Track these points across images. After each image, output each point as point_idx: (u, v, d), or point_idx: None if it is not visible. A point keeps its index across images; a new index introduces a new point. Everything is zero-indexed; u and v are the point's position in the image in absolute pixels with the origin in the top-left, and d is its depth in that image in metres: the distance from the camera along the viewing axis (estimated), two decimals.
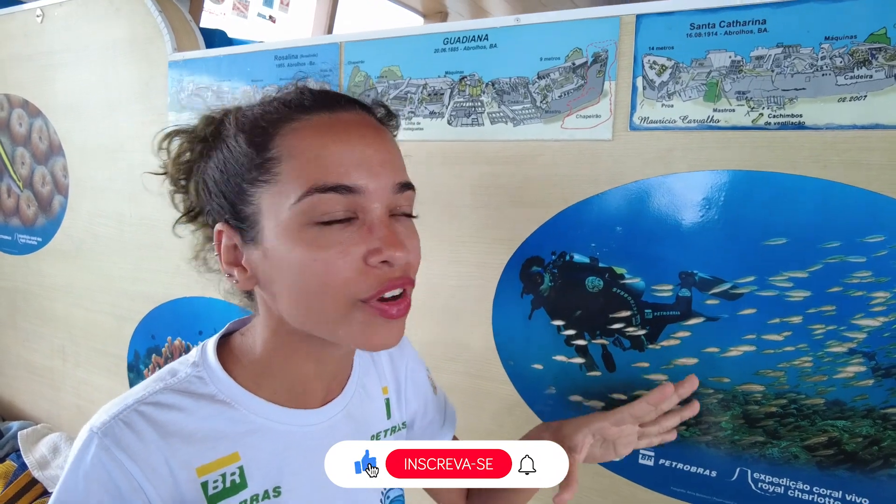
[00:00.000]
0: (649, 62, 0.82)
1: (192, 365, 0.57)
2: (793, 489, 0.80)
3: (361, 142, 0.52)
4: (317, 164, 0.51)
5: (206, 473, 0.53)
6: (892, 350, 0.73)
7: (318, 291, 0.51)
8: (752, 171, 0.78)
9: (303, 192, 0.50)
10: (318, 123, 0.53)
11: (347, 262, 0.50)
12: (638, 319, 0.86)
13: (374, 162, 0.52)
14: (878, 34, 0.70)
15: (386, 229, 0.51)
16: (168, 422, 0.52)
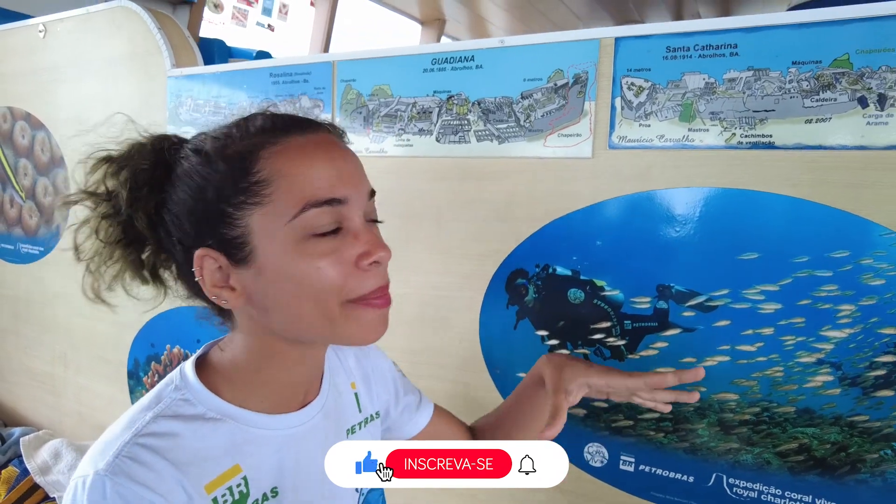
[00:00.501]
0: (627, 83, 0.86)
1: (176, 389, 0.58)
2: (766, 494, 0.83)
3: (340, 158, 0.57)
4: (307, 182, 0.54)
5: (213, 490, 0.55)
6: (858, 360, 0.77)
7: (318, 297, 0.54)
8: (726, 188, 0.81)
9: (298, 210, 0.53)
10: (297, 145, 0.56)
11: (342, 267, 0.54)
12: (618, 330, 0.89)
13: (352, 175, 0.57)
14: (841, 60, 0.74)
15: (369, 234, 0.57)
16: (169, 448, 0.53)
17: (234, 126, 0.58)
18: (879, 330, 0.75)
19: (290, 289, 0.54)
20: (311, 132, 0.58)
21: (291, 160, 0.55)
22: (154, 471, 0.51)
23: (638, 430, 0.90)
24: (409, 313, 1.06)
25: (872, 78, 0.73)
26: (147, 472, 0.51)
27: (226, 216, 0.54)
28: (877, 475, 0.77)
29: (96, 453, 0.52)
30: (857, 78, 0.73)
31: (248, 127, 0.57)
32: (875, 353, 0.76)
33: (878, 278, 0.75)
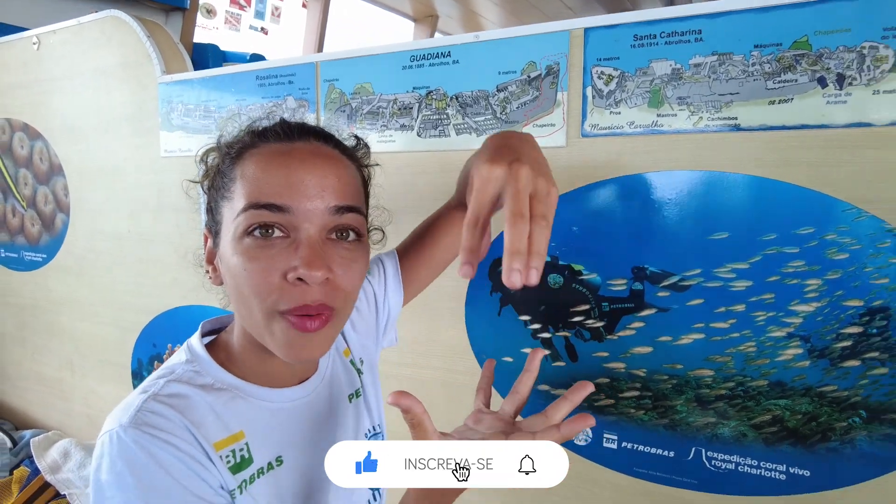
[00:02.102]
0: (597, 72, 0.88)
1: (187, 362, 0.63)
2: (742, 465, 0.86)
3: (302, 167, 0.58)
4: (256, 185, 0.57)
5: (221, 448, 0.59)
6: (825, 333, 0.79)
7: (247, 297, 0.57)
8: (695, 170, 0.84)
9: (242, 208, 0.57)
10: (269, 151, 0.60)
11: (270, 275, 0.55)
12: (596, 312, 0.92)
13: (311, 185, 0.57)
14: (801, 41, 0.76)
15: (308, 249, 0.55)
16: (183, 406, 0.58)
17: (244, 130, 0.65)
18: (844, 302, 0.78)
19: (231, 280, 0.58)
20: (297, 140, 0.62)
21: (254, 164, 0.59)
22: (171, 421, 0.56)
23: (619, 408, 0.93)
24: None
25: (831, 58, 0.75)
26: (165, 422, 0.55)
27: (216, 205, 0.62)
28: (846, 443, 0.79)
29: (118, 413, 0.56)
30: (816, 59, 0.76)
31: (247, 131, 0.64)
32: (841, 325, 0.78)
33: (842, 252, 0.77)
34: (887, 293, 0.75)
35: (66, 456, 1.47)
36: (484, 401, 0.67)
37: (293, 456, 0.65)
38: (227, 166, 0.62)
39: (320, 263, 0.55)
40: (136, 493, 0.51)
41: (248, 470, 0.61)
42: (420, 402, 0.53)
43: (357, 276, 0.60)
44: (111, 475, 0.52)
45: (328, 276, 0.56)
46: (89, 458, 1.45)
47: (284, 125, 0.63)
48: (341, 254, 0.58)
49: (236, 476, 0.59)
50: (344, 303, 0.60)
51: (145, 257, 1.46)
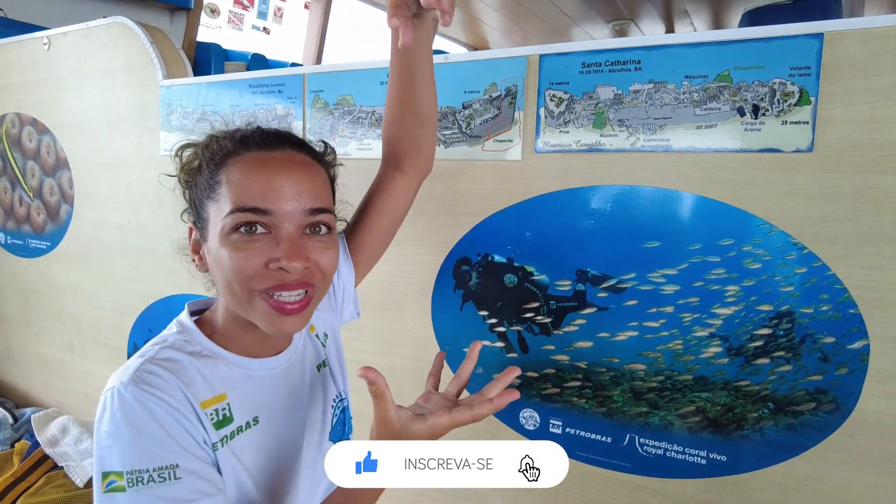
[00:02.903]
0: (550, 95, 0.98)
1: (178, 333, 0.73)
2: (670, 451, 0.96)
3: (281, 174, 0.68)
4: (242, 190, 0.66)
5: (206, 407, 0.68)
6: (741, 333, 0.89)
7: (231, 281, 0.67)
8: (632, 185, 0.94)
9: (229, 210, 0.66)
10: (251, 159, 0.69)
11: (252, 264, 0.65)
12: (545, 309, 1.02)
13: (289, 191, 0.67)
14: (724, 75, 0.86)
15: (288, 244, 0.65)
16: (176, 369, 0.67)
17: (225, 135, 0.73)
18: (758, 307, 0.88)
19: (217, 268, 0.69)
20: (273, 149, 0.72)
21: (240, 171, 0.68)
22: (165, 381, 0.65)
23: (563, 397, 1.03)
24: (373, 298, 1.19)
25: (748, 91, 0.85)
26: (160, 381, 0.64)
27: (202, 203, 0.71)
28: (756, 431, 0.89)
29: (119, 374, 0.65)
30: (736, 90, 0.86)
31: (230, 138, 0.72)
32: (755, 327, 0.88)
33: (756, 262, 0.87)
34: (792, 299, 0.85)
35: (64, 431, 1.57)
36: (433, 385, 0.77)
37: (268, 417, 0.76)
38: (211, 170, 0.71)
39: (299, 256, 0.65)
40: (131, 440, 0.60)
41: (228, 427, 0.70)
42: (383, 376, 0.62)
43: (331, 260, 0.71)
44: (110, 425, 0.61)
45: (306, 265, 0.66)
46: (86, 434, 1.56)
47: (263, 134, 0.72)
48: (315, 245, 0.69)
49: (219, 432, 0.69)
50: (322, 281, 0.71)
51: (144, 248, 1.57)
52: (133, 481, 0.59)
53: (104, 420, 0.62)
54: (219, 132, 0.75)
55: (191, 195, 0.75)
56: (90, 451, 1.51)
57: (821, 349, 0.84)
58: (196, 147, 0.76)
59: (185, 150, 0.77)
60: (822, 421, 0.85)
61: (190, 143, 0.77)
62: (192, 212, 0.74)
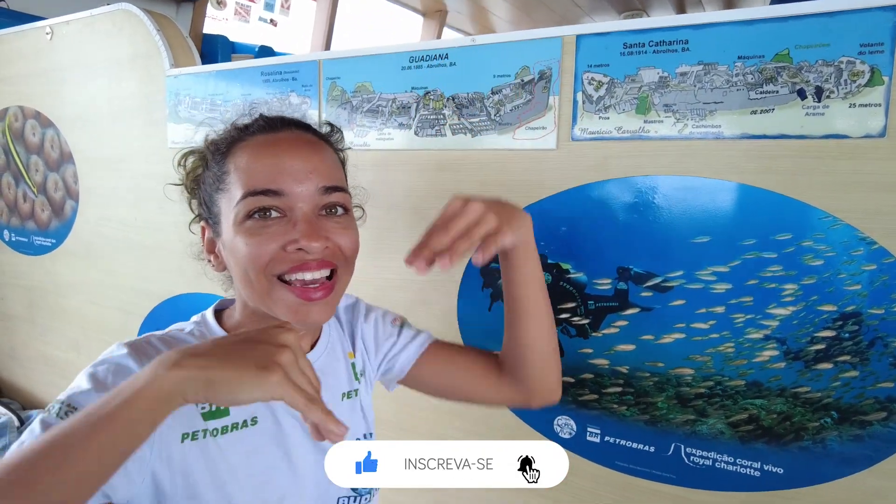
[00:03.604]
0: (588, 78, 0.91)
1: (195, 323, 0.73)
2: (719, 461, 0.89)
3: (289, 155, 0.65)
4: (251, 175, 0.64)
5: None
6: (800, 336, 0.82)
7: (248, 269, 0.64)
8: (679, 175, 0.87)
9: (241, 196, 0.64)
10: (257, 143, 0.67)
11: (270, 248, 0.63)
12: (582, 310, 0.95)
13: (299, 170, 0.64)
14: (782, 54, 0.79)
15: (305, 224, 0.63)
16: (175, 345, 0.65)
17: (229, 126, 0.71)
18: (819, 307, 0.81)
19: (233, 260, 0.66)
20: (281, 131, 0.69)
21: (247, 155, 0.66)
22: (158, 351, 0.62)
23: (602, 403, 0.96)
24: (393, 297, 1.13)
25: (810, 71, 0.78)
26: (152, 352, 0.63)
27: (212, 199, 0.69)
28: (818, 442, 0.82)
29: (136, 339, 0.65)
30: (796, 71, 0.78)
31: (232, 127, 0.71)
32: (815, 329, 0.81)
33: (818, 259, 0.80)
34: (859, 299, 0.78)
35: None
36: None
37: (268, 420, 0.70)
38: (217, 161, 0.69)
39: (318, 235, 0.63)
40: (84, 376, 0.59)
41: (221, 420, 0.66)
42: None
43: (351, 241, 0.68)
44: (90, 366, 0.61)
45: (326, 244, 0.64)
46: None
47: (266, 118, 0.70)
48: (333, 226, 0.66)
49: (207, 422, 0.65)
50: (345, 264, 0.68)
51: (151, 244, 1.50)
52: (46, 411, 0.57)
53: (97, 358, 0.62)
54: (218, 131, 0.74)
55: (199, 195, 0.73)
56: None
57: (892, 353, 0.77)
58: (197, 153, 0.74)
59: (188, 158, 0.75)
60: (893, 433, 0.78)
61: (192, 150, 0.75)
62: (203, 209, 0.72)
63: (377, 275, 1.14)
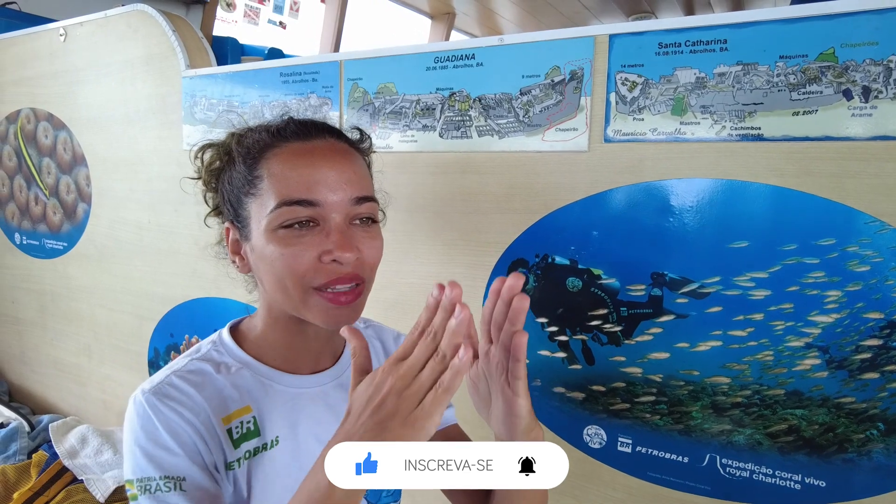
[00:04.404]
0: (621, 79, 0.89)
1: (212, 343, 0.73)
2: (757, 473, 0.86)
3: (325, 164, 0.65)
4: (286, 183, 0.64)
5: (228, 422, 0.66)
6: (844, 344, 0.79)
7: (284, 278, 0.64)
8: (716, 179, 0.84)
9: (275, 205, 0.63)
10: (292, 150, 0.66)
11: (305, 258, 0.63)
12: (614, 317, 0.93)
13: (334, 180, 0.64)
14: (827, 53, 0.76)
15: (339, 235, 0.63)
16: (198, 383, 0.66)
17: (259, 128, 0.71)
18: (865, 315, 0.78)
19: (265, 267, 0.66)
20: (314, 138, 0.68)
21: (280, 163, 0.66)
22: (185, 394, 0.64)
23: (634, 412, 0.93)
24: (415, 302, 1.10)
25: (857, 71, 0.75)
26: (179, 395, 0.64)
27: (240, 201, 0.68)
28: (863, 454, 0.80)
29: (147, 381, 0.66)
30: (842, 71, 0.76)
31: (264, 131, 0.70)
32: (861, 337, 0.78)
33: (864, 265, 0.77)
34: None
35: (83, 441, 1.49)
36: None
37: (289, 440, 0.70)
38: (248, 165, 0.68)
39: (351, 246, 0.63)
40: (142, 449, 0.60)
41: (252, 441, 0.67)
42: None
43: (377, 251, 0.69)
44: (128, 433, 0.62)
45: (358, 255, 0.64)
46: (106, 445, 1.48)
47: (300, 124, 0.70)
48: (363, 235, 0.67)
49: (238, 449, 0.66)
50: (370, 273, 0.69)
51: (165, 248, 1.48)
52: (142, 489, 0.59)
53: (126, 421, 0.63)
54: (242, 128, 0.73)
55: (222, 194, 0.72)
56: (110, 463, 1.43)
57: None
58: (217, 147, 0.73)
59: (205, 152, 0.75)
60: None
61: (210, 144, 0.75)
62: (229, 211, 0.71)
63: (399, 279, 1.12)
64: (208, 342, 0.73)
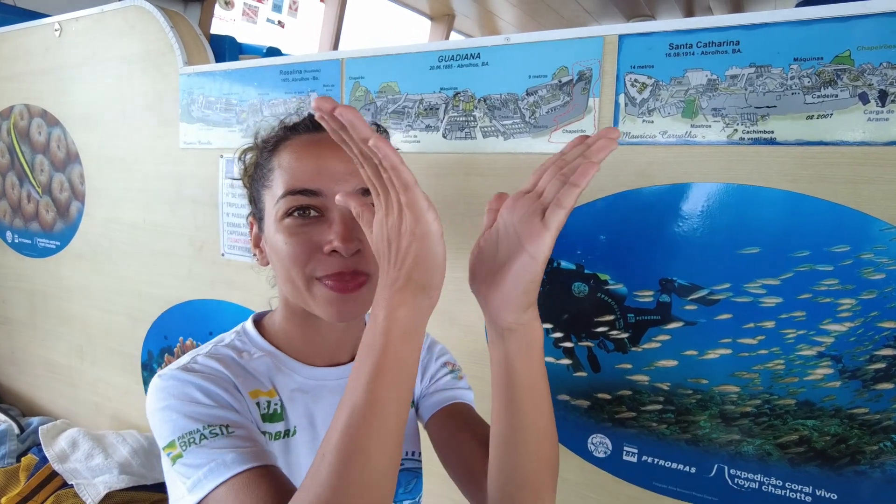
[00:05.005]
0: (631, 80, 0.87)
1: (235, 333, 0.74)
2: (766, 485, 0.85)
3: (331, 155, 0.65)
4: (291, 174, 0.65)
5: (256, 397, 0.67)
6: (858, 354, 0.78)
7: (289, 268, 0.65)
8: (727, 183, 0.82)
9: (281, 194, 0.65)
10: (301, 142, 0.68)
11: (307, 248, 0.63)
12: (621, 323, 0.91)
13: (339, 171, 0.64)
14: (843, 56, 0.75)
15: (341, 226, 0.63)
16: (227, 362, 0.67)
17: (278, 125, 0.73)
18: (879, 324, 0.76)
19: (275, 257, 0.67)
20: (323, 131, 0.66)
21: (289, 155, 0.67)
22: (213, 369, 0.65)
23: (640, 421, 0.91)
24: None
25: (874, 74, 0.73)
26: (207, 369, 0.65)
27: (258, 194, 0.71)
28: (876, 467, 0.78)
29: (168, 367, 0.65)
30: (858, 74, 0.74)
31: (281, 126, 0.73)
32: (875, 347, 0.77)
33: (879, 273, 0.75)
34: None
35: (74, 445, 1.46)
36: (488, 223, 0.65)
37: (305, 430, 0.71)
38: (265, 159, 0.71)
39: (352, 237, 0.63)
40: (177, 409, 0.59)
41: (277, 425, 0.68)
42: None
43: None
44: (157, 402, 0.60)
45: (359, 247, 0.64)
46: (97, 449, 1.45)
47: (313, 118, 0.70)
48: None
49: (265, 424, 0.67)
50: (377, 268, 0.64)
51: (160, 248, 1.45)
52: (186, 443, 0.57)
53: (150, 401, 0.62)
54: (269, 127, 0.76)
55: (250, 190, 0.75)
56: (101, 468, 1.40)
57: None
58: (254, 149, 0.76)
59: (246, 154, 0.77)
60: None
61: (251, 147, 0.77)
62: (252, 205, 0.74)
63: None
64: (232, 333, 0.74)
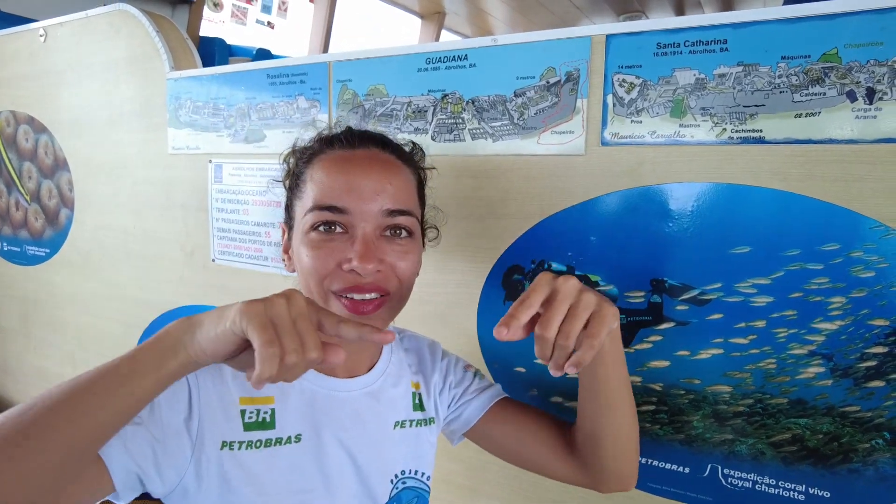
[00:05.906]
0: (619, 80, 0.86)
1: None
2: (760, 484, 0.84)
3: (360, 173, 0.66)
4: (320, 189, 0.67)
5: (245, 404, 0.67)
6: (849, 352, 0.77)
7: (308, 279, 0.66)
8: (717, 183, 0.82)
9: (310, 207, 0.67)
10: (334, 157, 0.69)
11: (327, 263, 0.65)
12: None
13: (367, 190, 0.66)
14: (830, 54, 0.74)
15: (362, 245, 0.64)
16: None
17: (316, 136, 0.75)
18: (870, 321, 0.76)
19: (298, 267, 0.69)
20: (356, 148, 0.71)
21: (322, 169, 0.69)
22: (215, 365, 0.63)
23: None
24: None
25: (861, 72, 0.73)
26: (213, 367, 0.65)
27: (291, 202, 0.74)
28: (868, 464, 0.78)
29: None
30: (845, 72, 0.74)
31: (317, 138, 0.75)
32: (866, 345, 0.77)
33: (869, 270, 0.75)
34: None
35: None
36: None
37: (312, 440, 0.70)
38: (300, 169, 0.73)
39: (371, 257, 0.63)
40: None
41: (266, 433, 0.67)
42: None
43: (410, 265, 0.69)
44: None
45: (379, 268, 0.64)
46: None
47: (349, 133, 0.72)
48: (394, 248, 0.67)
49: (247, 433, 0.66)
50: (399, 287, 0.68)
51: (151, 254, 1.44)
52: None
53: None
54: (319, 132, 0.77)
55: (288, 197, 0.77)
56: None
57: None
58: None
59: (289, 159, 0.78)
60: None
61: (291, 153, 0.78)
62: (286, 212, 0.76)
63: None
64: None
